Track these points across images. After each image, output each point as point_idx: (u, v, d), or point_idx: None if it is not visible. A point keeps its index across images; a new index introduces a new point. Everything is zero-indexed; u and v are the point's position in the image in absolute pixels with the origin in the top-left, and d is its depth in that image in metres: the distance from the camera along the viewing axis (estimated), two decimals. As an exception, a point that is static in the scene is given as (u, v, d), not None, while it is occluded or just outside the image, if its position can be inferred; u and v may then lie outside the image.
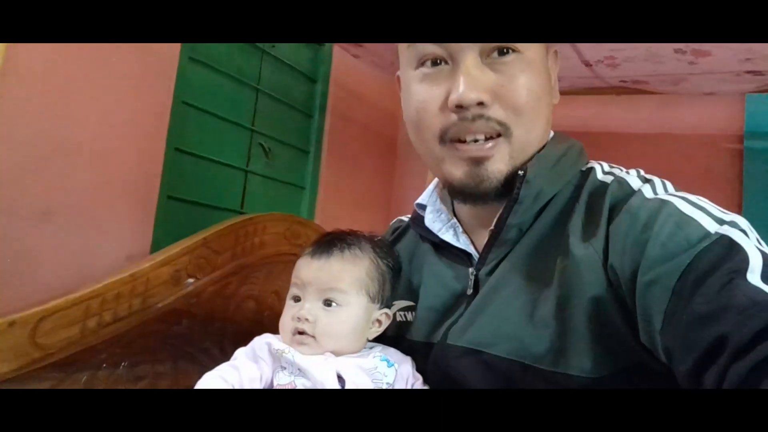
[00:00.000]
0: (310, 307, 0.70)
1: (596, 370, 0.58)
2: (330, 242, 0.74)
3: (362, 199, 1.98)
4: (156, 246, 1.27)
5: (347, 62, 1.95)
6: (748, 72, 1.41)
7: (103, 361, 0.96)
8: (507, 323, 0.64)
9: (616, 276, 0.58)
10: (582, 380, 0.59)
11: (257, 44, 1.64)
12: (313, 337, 0.69)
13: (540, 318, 0.62)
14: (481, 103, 0.63)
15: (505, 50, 0.65)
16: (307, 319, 0.69)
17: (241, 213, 1.56)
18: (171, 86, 1.35)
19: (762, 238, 0.55)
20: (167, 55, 1.34)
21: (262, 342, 0.70)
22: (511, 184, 0.66)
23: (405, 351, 0.74)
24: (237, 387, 0.66)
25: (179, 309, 1.07)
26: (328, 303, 0.71)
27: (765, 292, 0.47)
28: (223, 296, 1.15)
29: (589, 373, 0.58)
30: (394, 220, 0.95)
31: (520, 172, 0.66)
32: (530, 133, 0.67)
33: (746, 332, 0.44)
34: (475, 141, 0.65)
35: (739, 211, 0.58)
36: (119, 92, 1.21)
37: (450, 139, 0.66)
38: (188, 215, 1.41)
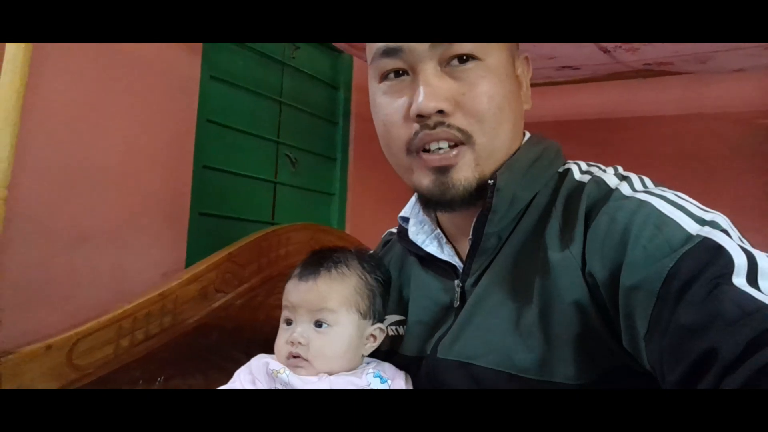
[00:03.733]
0: (302, 330, 0.70)
1: (580, 376, 0.58)
2: (316, 262, 0.74)
3: (392, 202, 1.98)
4: (190, 262, 1.32)
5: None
6: (779, 44, 1.35)
7: (138, 378, 1.01)
8: (493, 334, 0.64)
9: (595, 280, 0.57)
10: (566, 387, 0.58)
11: (277, 57, 1.67)
12: (308, 360, 0.69)
13: (524, 327, 0.62)
14: (441, 112, 0.63)
15: (464, 58, 0.64)
16: (300, 343, 0.69)
17: (273, 224, 1.59)
18: (194, 105, 1.39)
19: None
20: (188, 75, 1.38)
21: (260, 363, 0.71)
22: (484, 191, 0.66)
23: (398, 366, 0.74)
24: None
25: (209, 323, 1.10)
26: (319, 324, 0.71)
27: (753, 298, 0.45)
28: (251, 308, 1.18)
29: (573, 379, 0.58)
30: (385, 233, 0.95)
31: (490, 181, 0.65)
32: (494, 141, 0.66)
33: (736, 344, 0.43)
34: (440, 149, 0.65)
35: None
36: (144, 115, 1.25)
37: (415, 148, 0.66)
38: (220, 230, 1.45)
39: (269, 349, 0.77)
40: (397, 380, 0.71)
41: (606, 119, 1.78)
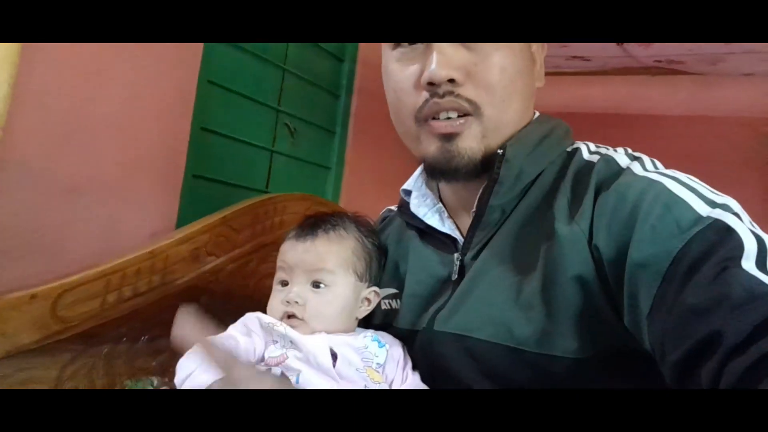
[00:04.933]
0: (299, 290, 0.70)
1: (580, 350, 0.57)
2: (314, 224, 0.74)
3: (388, 180, 1.97)
4: (181, 224, 1.29)
5: (375, 41, 1.93)
6: (792, 51, 1.34)
7: (123, 335, 0.99)
8: (492, 307, 0.63)
9: (600, 255, 0.57)
10: (566, 361, 0.58)
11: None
12: (303, 320, 0.69)
13: (525, 300, 0.61)
14: (452, 81, 0.63)
15: None
16: (296, 302, 0.69)
17: (267, 192, 1.57)
18: (197, 65, 1.35)
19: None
20: (193, 33, 1.34)
21: (252, 317, 0.71)
22: (490, 164, 0.65)
23: None
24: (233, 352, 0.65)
25: (198, 286, 1.09)
26: (316, 284, 0.71)
27: (761, 282, 0.45)
28: (242, 274, 1.17)
29: (573, 353, 0.57)
30: (384, 210, 0.94)
31: (500, 151, 0.65)
32: (503, 114, 0.65)
33: (742, 328, 0.43)
34: (448, 118, 0.65)
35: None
36: (145, 70, 1.22)
37: (424, 117, 0.66)
38: (213, 194, 1.42)
39: (259, 317, 0.76)
40: (394, 347, 0.71)
41: (611, 114, 1.77)
